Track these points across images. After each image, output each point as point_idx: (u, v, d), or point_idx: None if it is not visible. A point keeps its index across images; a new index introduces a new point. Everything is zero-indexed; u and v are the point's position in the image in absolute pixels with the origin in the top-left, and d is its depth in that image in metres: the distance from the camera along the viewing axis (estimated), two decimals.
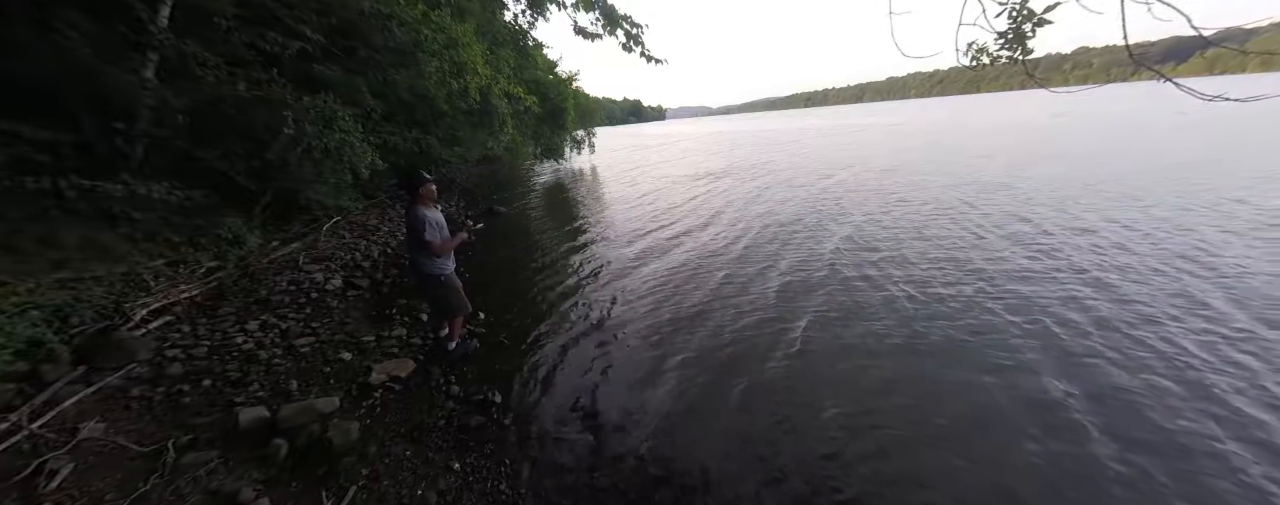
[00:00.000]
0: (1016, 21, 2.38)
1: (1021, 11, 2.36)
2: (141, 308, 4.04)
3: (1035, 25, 2.36)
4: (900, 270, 5.43)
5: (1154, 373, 3.26)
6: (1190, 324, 3.82)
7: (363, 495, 2.46)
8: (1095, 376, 3.27)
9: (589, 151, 21.49)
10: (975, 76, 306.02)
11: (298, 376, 3.49)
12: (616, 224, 9.03)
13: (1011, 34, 2.41)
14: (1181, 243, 5.61)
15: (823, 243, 6.74)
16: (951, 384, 3.31)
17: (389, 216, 8.80)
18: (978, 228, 6.82)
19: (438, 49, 8.07)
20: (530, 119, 13.57)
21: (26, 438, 2.59)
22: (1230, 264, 4.89)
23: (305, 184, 6.44)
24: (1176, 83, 2.11)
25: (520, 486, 2.61)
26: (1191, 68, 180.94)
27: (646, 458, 2.79)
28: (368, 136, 6.92)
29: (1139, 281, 4.66)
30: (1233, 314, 3.90)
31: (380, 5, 7.43)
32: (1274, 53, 2.07)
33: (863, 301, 4.71)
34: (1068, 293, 4.51)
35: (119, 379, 3.24)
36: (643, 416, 3.16)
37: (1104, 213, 7.07)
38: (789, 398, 3.28)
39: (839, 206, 9.02)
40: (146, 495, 2.33)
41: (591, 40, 11.83)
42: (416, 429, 3.02)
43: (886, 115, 53.89)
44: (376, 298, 5.18)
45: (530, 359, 3.99)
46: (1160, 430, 2.75)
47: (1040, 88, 3.38)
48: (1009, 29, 2.40)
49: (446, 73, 8.39)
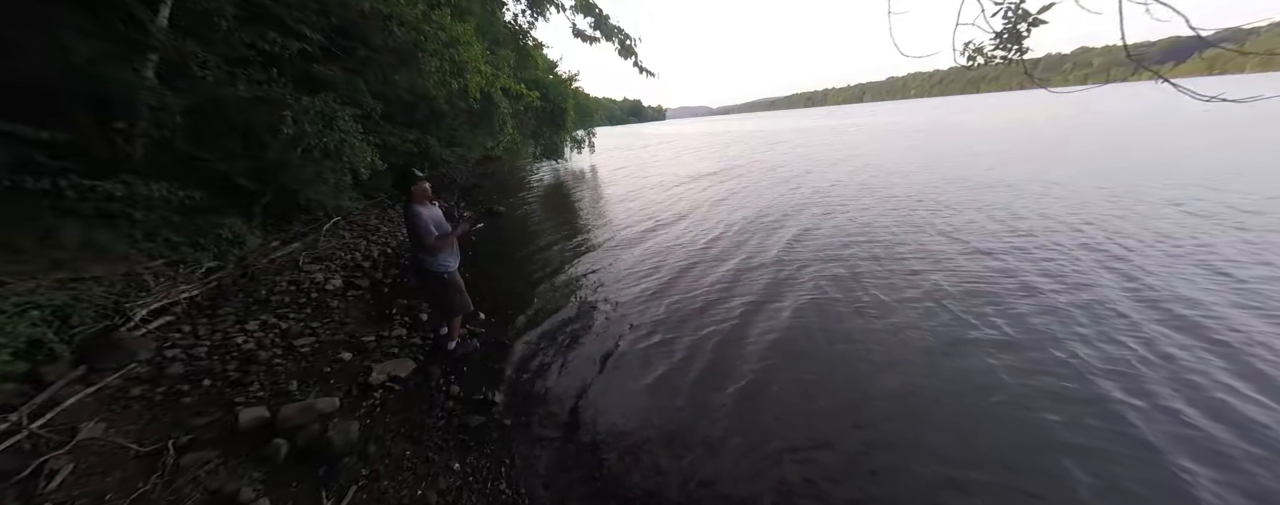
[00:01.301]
0: (1011, 21, 2.39)
1: (1017, 11, 2.37)
2: (141, 308, 4.04)
3: (1030, 25, 2.37)
4: (900, 267, 5.44)
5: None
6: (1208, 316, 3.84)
7: (363, 495, 2.46)
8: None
9: (589, 151, 21.49)
10: (975, 76, 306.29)
11: (298, 376, 3.49)
12: (616, 223, 9.04)
13: (1007, 34, 2.41)
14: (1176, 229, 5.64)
15: (822, 242, 6.75)
16: (957, 383, 3.32)
17: (389, 216, 8.80)
18: (973, 224, 6.84)
19: (438, 49, 8.06)
20: (530, 119, 13.59)
21: (26, 438, 2.59)
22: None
23: (305, 184, 6.43)
24: (1174, 83, 2.11)
25: (520, 486, 2.61)
26: (1191, 68, 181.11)
27: (647, 457, 2.79)
28: (368, 136, 6.92)
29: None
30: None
31: (380, 5, 7.42)
32: (1273, 53, 2.07)
33: (865, 300, 4.71)
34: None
35: (119, 379, 3.24)
36: (643, 416, 3.16)
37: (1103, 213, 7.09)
38: (791, 397, 3.29)
39: (838, 205, 9.01)
40: (146, 495, 2.33)
41: (589, 43, 11.94)
42: (416, 429, 3.02)
43: (886, 116, 54.00)
44: (376, 298, 5.18)
45: (531, 359, 3.99)
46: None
47: (1040, 88, 3.38)
48: (1005, 29, 2.40)
49: (446, 72, 8.39)
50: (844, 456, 2.71)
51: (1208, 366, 3.28)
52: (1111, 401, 3.00)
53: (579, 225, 9.19)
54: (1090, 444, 2.68)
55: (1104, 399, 3.03)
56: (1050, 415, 2.92)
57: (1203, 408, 2.91)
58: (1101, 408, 2.96)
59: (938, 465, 2.60)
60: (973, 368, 3.48)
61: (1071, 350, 3.57)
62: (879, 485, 2.52)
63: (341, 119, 6.25)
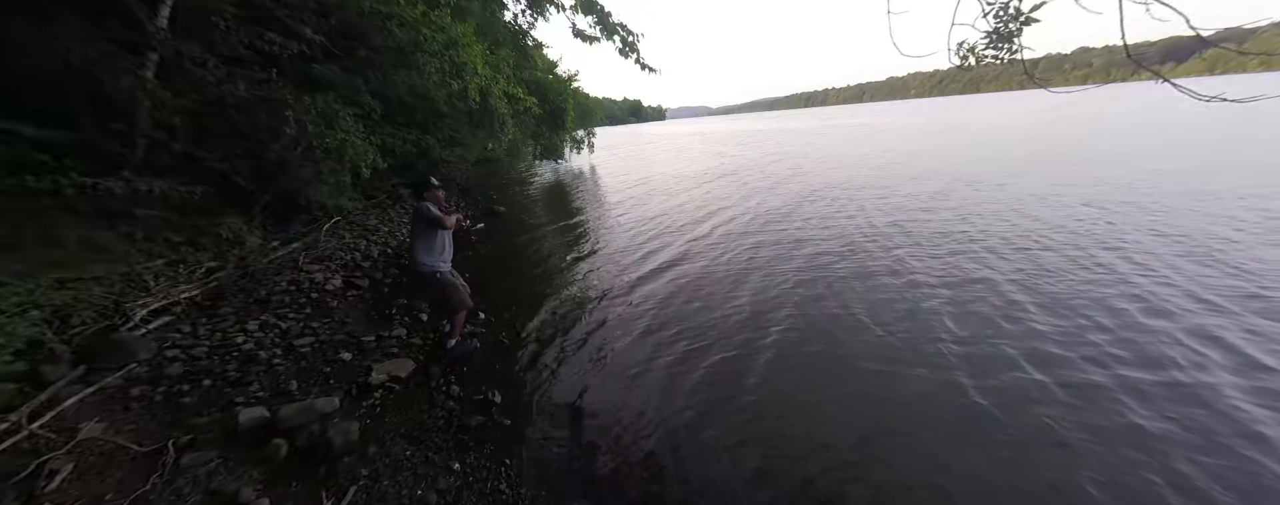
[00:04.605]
0: (1002, 21, 2.38)
1: (1007, 11, 2.36)
2: (141, 308, 4.04)
3: (1022, 24, 2.36)
4: (898, 263, 5.44)
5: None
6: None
7: (363, 495, 2.46)
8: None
9: (588, 151, 21.48)
10: (975, 76, 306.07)
11: (298, 376, 3.49)
12: (615, 223, 9.04)
13: (998, 33, 2.40)
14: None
15: (820, 240, 6.74)
16: (974, 390, 3.31)
17: (389, 216, 8.79)
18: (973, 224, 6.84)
19: (437, 49, 8.05)
20: (530, 119, 13.57)
21: (26, 438, 2.59)
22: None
23: (305, 184, 6.43)
24: (1174, 83, 2.11)
25: (520, 486, 2.61)
26: (1191, 68, 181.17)
27: (647, 457, 2.79)
28: (369, 136, 6.92)
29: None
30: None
31: (380, 5, 7.42)
32: (1273, 53, 2.07)
33: (868, 299, 4.71)
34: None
35: (119, 379, 3.24)
36: (643, 416, 3.16)
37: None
38: (790, 396, 3.29)
39: (836, 204, 9.02)
40: (146, 495, 2.33)
41: (589, 43, 11.92)
42: (416, 429, 3.03)
43: (886, 115, 54.00)
44: (376, 298, 5.18)
45: (530, 359, 3.99)
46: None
47: (1040, 88, 3.38)
48: (995, 28, 2.40)
49: (446, 73, 8.38)
50: (845, 457, 2.70)
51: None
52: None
53: (578, 225, 9.19)
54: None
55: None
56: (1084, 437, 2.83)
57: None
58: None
59: (942, 473, 2.60)
60: (989, 376, 3.40)
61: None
62: (880, 486, 2.52)
63: (343, 118, 6.25)
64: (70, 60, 4.31)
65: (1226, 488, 2.35)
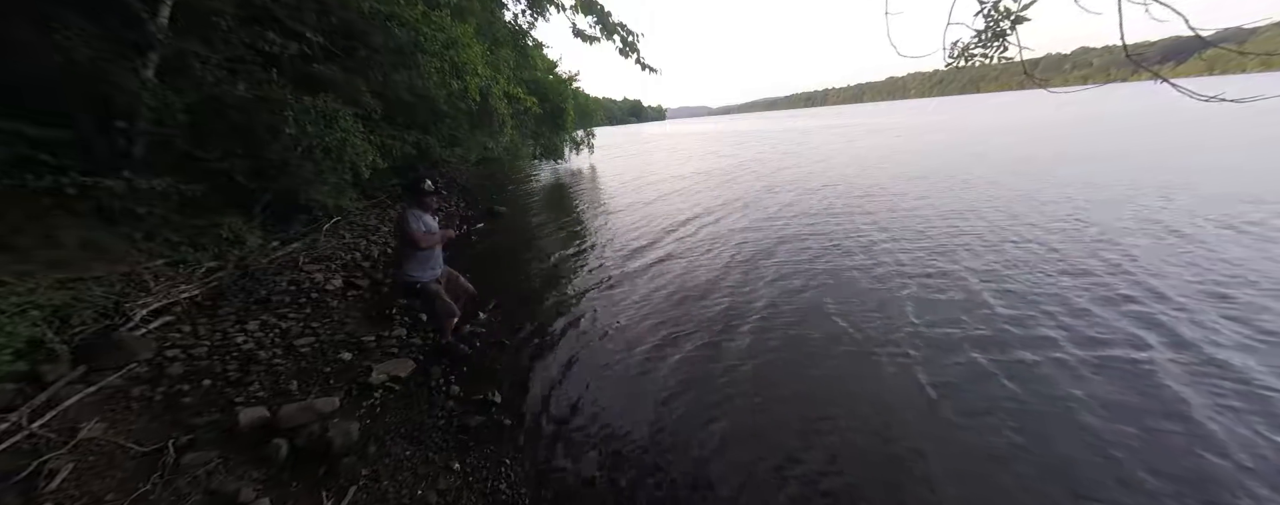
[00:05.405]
0: (993, 20, 2.38)
1: (997, 10, 2.37)
2: (141, 308, 4.04)
3: (1013, 24, 2.36)
4: (898, 263, 5.44)
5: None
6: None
7: (363, 495, 2.46)
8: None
9: (588, 151, 21.47)
10: (974, 76, 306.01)
11: (298, 376, 3.49)
12: (615, 223, 9.03)
13: (990, 32, 2.41)
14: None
15: (818, 239, 6.74)
16: (978, 394, 3.32)
17: (389, 216, 8.79)
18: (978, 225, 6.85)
19: (437, 49, 8.05)
20: (530, 120, 13.57)
21: (26, 438, 2.59)
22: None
23: (305, 184, 6.43)
24: (1173, 83, 2.11)
25: (520, 486, 2.61)
26: (1191, 68, 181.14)
27: (647, 457, 2.79)
28: (369, 136, 6.92)
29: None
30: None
31: (380, 5, 7.42)
32: (1273, 53, 2.07)
33: (870, 298, 4.71)
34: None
35: (119, 379, 3.24)
36: (643, 416, 3.16)
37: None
38: (792, 396, 3.28)
39: (834, 203, 9.02)
40: (146, 495, 2.33)
41: (589, 43, 11.92)
42: (416, 429, 3.03)
43: (886, 115, 54.01)
44: (376, 298, 5.18)
45: (530, 359, 3.99)
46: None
47: (1040, 88, 3.38)
48: (987, 27, 2.40)
49: (446, 73, 8.38)
50: (846, 459, 2.70)
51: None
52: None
53: (578, 225, 9.19)
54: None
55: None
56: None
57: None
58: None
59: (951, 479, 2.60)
60: (990, 379, 3.43)
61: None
62: (882, 489, 2.52)
63: (343, 118, 6.25)
64: (70, 60, 4.31)
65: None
